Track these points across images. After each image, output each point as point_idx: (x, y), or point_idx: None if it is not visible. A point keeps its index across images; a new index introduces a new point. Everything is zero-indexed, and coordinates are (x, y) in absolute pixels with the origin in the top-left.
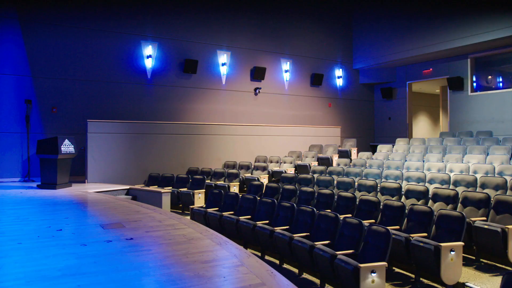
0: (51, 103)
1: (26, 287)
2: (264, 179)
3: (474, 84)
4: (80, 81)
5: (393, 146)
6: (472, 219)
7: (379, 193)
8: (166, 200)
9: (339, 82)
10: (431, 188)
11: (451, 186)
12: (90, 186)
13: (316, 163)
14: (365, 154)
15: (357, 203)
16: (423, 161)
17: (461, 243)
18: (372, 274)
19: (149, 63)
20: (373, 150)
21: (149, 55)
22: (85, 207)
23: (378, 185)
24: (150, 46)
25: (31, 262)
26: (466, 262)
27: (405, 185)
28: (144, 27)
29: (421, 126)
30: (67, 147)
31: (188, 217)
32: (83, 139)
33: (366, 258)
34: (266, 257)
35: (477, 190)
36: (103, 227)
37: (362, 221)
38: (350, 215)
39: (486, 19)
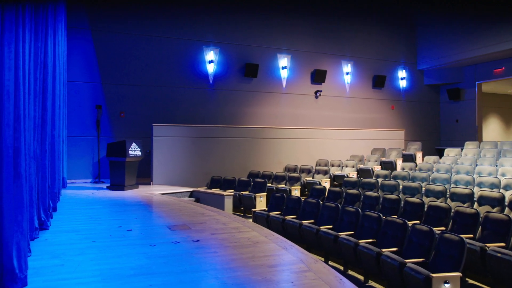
0: (119, 108)
1: (102, 284)
2: (326, 183)
3: None
4: (146, 86)
5: (461, 149)
6: None
7: (448, 199)
8: (228, 203)
9: (403, 84)
10: (507, 194)
11: None
12: (156, 188)
13: (379, 167)
14: (431, 158)
15: (425, 209)
16: (496, 165)
17: None
18: (446, 285)
19: (211, 68)
20: (439, 154)
21: (211, 60)
22: (152, 208)
23: (448, 190)
24: (212, 51)
25: (105, 260)
26: None
27: (477, 191)
28: (206, 32)
29: (492, 128)
30: (134, 150)
31: (250, 220)
32: (148, 142)
33: (438, 268)
34: (330, 263)
35: None
36: (170, 228)
37: (432, 228)
38: (418, 221)
39: None
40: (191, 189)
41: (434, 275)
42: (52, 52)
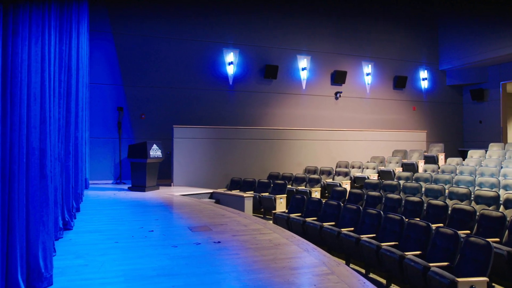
0: (140, 110)
1: (126, 285)
2: (346, 185)
3: None
4: (166, 88)
5: (486, 151)
6: None
7: (473, 202)
8: (248, 204)
9: (424, 84)
10: None
11: None
12: (176, 189)
13: (400, 169)
14: (454, 160)
15: (449, 212)
16: None
17: None
18: None
19: (230, 70)
20: (463, 155)
21: (231, 62)
22: (173, 209)
23: (472, 193)
24: (232, 53)
25: (128, 260)
26: None
27: (503, 194)
28: (226, 34)
29: None
30: (155, 151)
31: (271, 222)
32: (169, 144)
33: (463, 272)
34: (351, 265)
35: None
36: (191, 229)
37: (457, 232)
38: (441, 224)
39: None
40: (211, 191)
41: (459, 279)
42: (76, 55)
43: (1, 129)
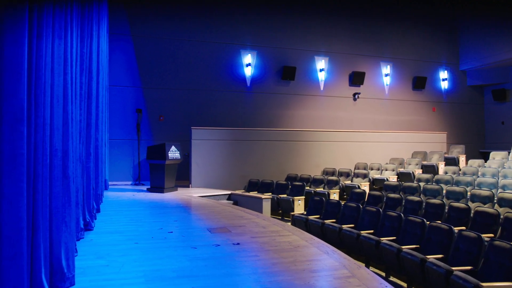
0: (159, 112)
1: (146, 286)
2: (365, 187)
3: None
4: (185, 90)
5: (508, 153)
6: None
7: (496, 205)
8: (267, 206)
9: (444, 85)
10: None
11: None
12: (194, 190)
13: (420, 171)
14: (476, 162)
15: (471, 215)
16: None
17: None
18: None
19: (248, 71)
20: (484, 157)
21: (249, 63)
22: (191, 210)
23: (495, 195)
24: (249, 55)
25: (148, 261)
26: None
27: None
28: (243, 36)
29: None
30: (173, 153)
31: (289, 224)
32: (187, 145)
33: (487, 277)
34: (371, 268)
35: None
36: (210, 231)
37: (481, 235)
38: (463, 227)
39: None
40: (229, 192)
41: (484, 284)
42: (96, 57)
43: (26, 131)
